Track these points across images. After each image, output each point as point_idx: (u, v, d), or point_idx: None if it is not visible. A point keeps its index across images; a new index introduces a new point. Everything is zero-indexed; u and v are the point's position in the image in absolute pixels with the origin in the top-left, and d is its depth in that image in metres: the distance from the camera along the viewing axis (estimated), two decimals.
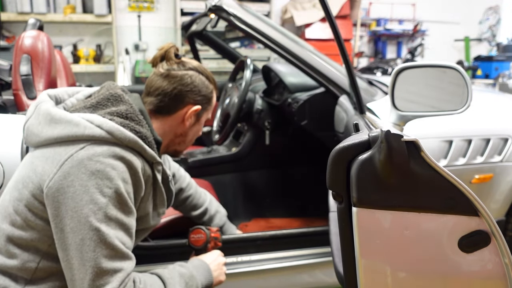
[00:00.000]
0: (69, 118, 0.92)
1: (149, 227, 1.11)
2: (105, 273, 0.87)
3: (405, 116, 1.23)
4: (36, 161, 0.93)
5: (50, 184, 0.88)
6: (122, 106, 1.01)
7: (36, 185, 0.90)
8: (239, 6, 1.60)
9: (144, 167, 0.98)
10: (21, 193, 0.92)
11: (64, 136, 0.91)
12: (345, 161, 0.76)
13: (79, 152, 0.89)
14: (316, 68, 1.56)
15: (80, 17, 4.29)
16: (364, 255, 0.75)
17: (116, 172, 0.89)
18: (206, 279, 1.16)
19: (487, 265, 0.74)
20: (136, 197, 0.97)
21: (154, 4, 4.77)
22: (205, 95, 1.14)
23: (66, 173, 0.87)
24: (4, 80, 1.69)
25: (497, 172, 1.63)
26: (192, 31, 2.54)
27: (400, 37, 5.85)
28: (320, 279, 1.64)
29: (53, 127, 0.92)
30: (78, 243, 0.86)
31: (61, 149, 0.90)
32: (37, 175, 0.90)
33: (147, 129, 1.03)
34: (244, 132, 2.24)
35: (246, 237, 1.59)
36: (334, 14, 4.10)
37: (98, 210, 0.87)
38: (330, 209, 1.23)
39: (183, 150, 1.22)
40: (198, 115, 1.16)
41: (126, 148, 0.94)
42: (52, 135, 0.92)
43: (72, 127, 0.91)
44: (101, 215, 0.87)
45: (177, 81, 1.10)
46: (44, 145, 0.94)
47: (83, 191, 0.86)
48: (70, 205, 0.87)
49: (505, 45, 5.67)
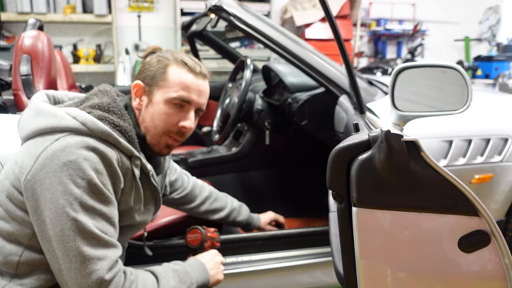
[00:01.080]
0: (50, 110, 0.95)
1: (135, 224, 1.09)
2: (89, 261, 0.88)
3: (405, 116, 1.23)
4: (19, 153, 0.95)
5: (28, 177, 0.90)
6: (106, 99, 1.03)
7: (16, 176, 0.92)
8: (239, 6, 1.60)
9: (121, 159, 0.98)
10: (3, 184, 0.95)
11: (43, 128, 0.93)
12: (345, 161, 0.76)
13: (53, 144, 0.90)
14: (316, 68, 1.56)
15: (80, 17, 4.29)
16: (364, 255, 0.75)
17: (89, 163, 0.90)
18: (201, 276, 1.14)
19: (487, 265, 0.74)
20: (115, 188, 0.97)
21: (154, 4, 4.77)
22: (149, 70, 1.08)
23: (41, 165, 0.89)
24: (4, 80, 1.69)
25: (497, 172, 1.63)
26: (192, 31, 2.54)
27: (400, 37, 5.85)
28: (320, 279, 1.64)
29: (37, 119, 0.95)
30: (58, 233, 0.88)
31: (39, 142, 0.92)
32: (18, 167, 0.92)
33: (129, 123, 1.03)
34: (244, 132, 2.24)
35: (246, 237, 1.59)
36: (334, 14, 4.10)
37: (74, 200, 0.88)
38: (330, 209, 1.23)
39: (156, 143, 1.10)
40: (148, 93, 1.07)
41: (100, 139, 0.94)
42: (34, 127, 0.94)
43: (51, 118, 0.93)
44: (76, 205, 0.88)
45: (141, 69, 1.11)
46: (30, 137, 0.95)
47: (58, 182, 0.88)
48: (47, 197, 0.88)
49: (505, 45, 5.66)
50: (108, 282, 0.89)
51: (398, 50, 5.97)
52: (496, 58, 5.47)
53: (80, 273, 0.87)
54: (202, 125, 2.57)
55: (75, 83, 2.26)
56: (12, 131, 1.26)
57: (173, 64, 1.07)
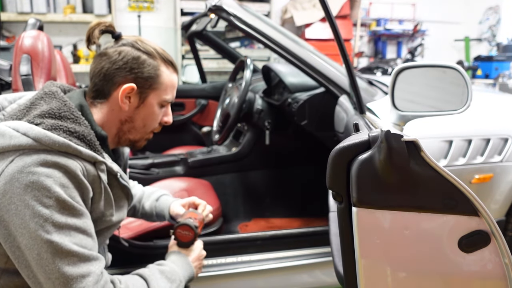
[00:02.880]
0: (3, 131, 0.86)
1: (112, 224, 1.05)
2: (73, 280, 0.84)
3: (405, 116, 1.23)
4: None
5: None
6: (55, 103, 0.94)
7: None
8: (239, 6, 1.60)
9: (85, 167, 0.91)
10: None
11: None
12: (345, 161, 0.76)
13: (9, 166, 0.83)
14: (316, 68, 1.56)
15: (80, 17, 4.29)
16: (364, 255, 0.75)
17: (52, 179, 0.84)
18: (187, 272, 1.14)
19: (487, 265, 0.74)
20: (85, 199, 0.92)
21: (154, 4, 4.77)
22: (140, 71, 1.00)
23: (2, 191, 0.83)
24: (4, 80, 1.69)
25: (497, 172, 1.63)
26: (192, 31, 2.55)
27: (400, 37, 5.85)
28: (320, 279, 1.64)
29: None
30: (36, 258, 0.83)
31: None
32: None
33: (85, 126, 0.95)
34: (244, 132, 2.24)
35: (246, 237, 1.59)
36: (334, 14, 4.10)
37: (44, 222, 0.83)
38: (330, 209, 1.23)
39: (139, 139, 1.09)
40: (141, 95, 1.02)
41: (58, 153, 0.87)
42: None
43: (6, 138, 0.85)
44: (48, 226, 0.83)
45: (104, 59, 1.00)
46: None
47: (24, 206, 0.82)
48: (17, 223, 0.83)
49: (505, 45, 5.67)
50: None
51: (398, 50, 5.97)
52: (496, 58, 5.47)
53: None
54: (202, 125, 2.58)
55: (75, 83, 2.26)
56: None
57: (162, 64, 1.04)
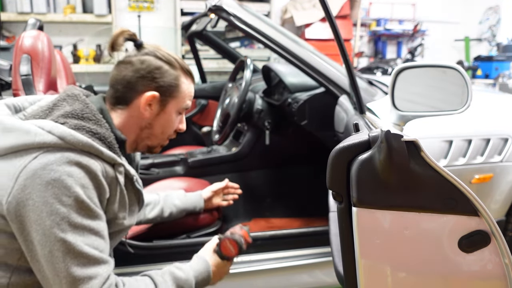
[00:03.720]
0: (19, 126, 0.88)
1: (123, 229, 1.06)
2: (80, 281, 0.85)
3: (405, 116, 1.23)
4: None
5: (9, 199, 0.84)
6: (77, 105, 0.96)
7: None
8: (239, 6, 1.60)
9: (105, 169, 0.93)
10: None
11: (16, 146, 0.87)
12: (345, 161, 0.76)
13: (32, 162, 0.85)
14: (316, 68, 1.56)
15: (80, 17, 4.29)
16: (364, 255, 0.75)
17: (73, 179, 0.85)
18: (202, 282, 1.13)
19: (487, 265, 0.74)
20: (102, 200, 0.93)
21: (154, 4, 4.77)
22: (163, 80, 1.03)
23: (22, 186, 0.84)
24: (4, 80, 1.69)
25: (497, 172, 1.63)
26: (192, 31, 2.55)
27: (400, 37, 5.85)
28: (320, 279, 1.64)
29: (6, 136, 0.88)
30: (47, 255, 0.85)
31: (15, 161, 0.86)
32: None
33: (106, 128, 0.97)
34: (244, 132, 2.24)
35: None
36: (334, 14, 4.10)
37: (61, 220, 0.84)
38: (330, 209, 1.23)
39: (156, 145, 1.12)
40: (161, 103, 1.05)
41: (82, 152, 0.89)
42: (4, 145, 0.88)
43: (22, 135, 0.87)
44: (64, 225, 0.84)
45: (128, 67, 1.02)
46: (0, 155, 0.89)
47: (42, 203, 0.83)
48: (33, 218, 0.84)
49: (505, 45, 5.66)
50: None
51: (398, 50, 5.97)
52: (496, 58, 5.47)
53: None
54: (202, 125, 2.57)
55: (75, 83, 2.26)
56: None
57: (182, 74, 1.07)
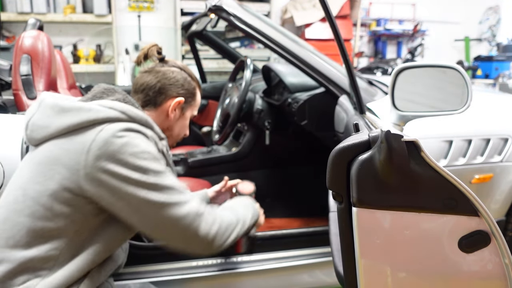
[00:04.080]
0: (79, 106, 0.96)
1: None
2: (180, 204, 0.97)
3: (405, 116, 1.23)
4: (54, 154, 0.93)
5: (87, 171, 0.91)
6: (118, 95, 1.06)
7: (64, 176, 0.91)
8: (239, 6, 1.60)
9: (156, 140, 1.05)
10: (43, 185, 0.92)
11: (77, 123, 0.93)
12: (345, 161, 0.76)
13: (99, 134, 0.92)
14: (316, 68, 1.56)
15: (80, 17, 4.29)
16: (364, 255, 0.75)
17: (140, 140, 0.96)
18: (253, 214, 1.27)
19: (487, 265, 0.74)
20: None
21: (154, 4, 4.77)
22: (187, 89, 1.21)
23: (96, 156, 0.91)
24: (4, 80, 1.69)
25: (497, 172, 1.63)
26: (192, 31, 2.55)
27: (400, 37, 5.85)
28: (320, 279, 1.64)
29: (63, 116, 0.95)
30: (144, 202, 0.93)
31: (80, 137, 0.93)
32: (65, 166, 0.92)
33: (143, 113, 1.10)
34: (244, 132, 2.24)
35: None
36: (334, 14, 4.10)
37: (145, 171, 0.93)
38: (330, 209, 1.23)
39: (171, 144, 1.26)
40: (182, 108, 1.22)
41: (140, 124, 1.00)
42: (63, 124, 0.94)
43: (84, 112, 0.94)
44: (149, 174, 0.94)
45: (160, 76, 1.17)
46: (54, 137, 0.95)
47: (122, 164, 0.91)
48: (115, 182, 0.92)
49: (505, 45, 5.66)
50: (203, 212, 1.01)
51: (398, 50, 5.97)
52: (496, 58, 5.47)
53: (177, 216, 0.96)
54: (202, 125, 2.57)
55: (75, 83, 2.26)
56: (12, 131, 1.26)
57: (197, 86, 1.26)
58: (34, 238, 0.91)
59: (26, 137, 1.00)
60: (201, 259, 1.52)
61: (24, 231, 0.91)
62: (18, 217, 0.92)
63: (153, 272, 1.48)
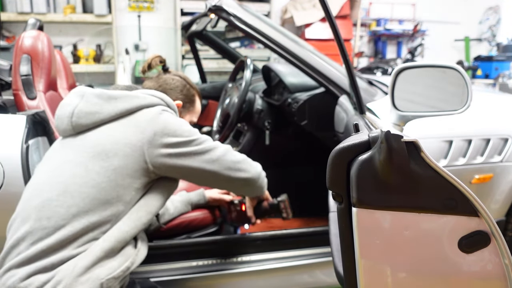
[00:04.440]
0: (126, 93, 1.11)
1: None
2: (246, 160, 1.24)
3: (405, 116, 1.23)
4: (113, 136, 1.06)
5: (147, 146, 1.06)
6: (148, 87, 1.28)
7: (127, 153, 1.05)
8: (239, 6, 1.60)
9: None
10: (107, 161, 1.05)
11: (128, 108, 1.09)
12: (345, 161, 0.76)
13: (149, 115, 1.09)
14: (316, 68, 1.56)
15: (80, 17, 4.29)
16: (364, 255, 0.75)
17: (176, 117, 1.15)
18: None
19: (487, 265, 0.74)
20: None
21: (154, 4, 4.77)
22: (186, 95, 1.37)
23: (153, 133, 1.07)
24: (4, 80, 1.69)
25: (497, 172, 1.63)
26: (192, 31, 2.55)
27: (400, 37, 5.85)
28: (320, 279, 1.64)
29: (114, 102, 1.09)
30: (213, 163, 1.16)
31: (131, 121, 1.09)
32: (127, 145, 1.05)
33: None
34: (244, 132, 2.24)
35: (246, 237, 1.59)
36: (334, 14, 4.10)
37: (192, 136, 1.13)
38: (330, 209, 1.23)
39: None
40: (180, 112, 1.34)
41: (172, 109, 1.18)
42: (115, 110, 1.09)
43: (133, 99, 1.10)
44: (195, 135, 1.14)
45: (161, 81, 1.36)
46: (105, 122, 1.09)
47: (173, 135, 1.09)
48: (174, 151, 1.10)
49: (505, 45, 5.67)
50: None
51: (398, 50, 5.97)
52: (496, 58, 5.47)
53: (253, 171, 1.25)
54: (202, 125, 2.57)
55: (75, 83, 2.26)
56: (12, 131, 1.26)
57: (196, 94, 1.42)
58: (97, 206, 1.03)
59: (71, 124, 1.09)
60: (201, 259, 1.53)
61: (89, 199, 1.02)
62: (81, 188, 1.03)
63: (153, 272, 1.48)
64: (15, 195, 1.19)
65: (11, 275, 0.97)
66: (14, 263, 0.98)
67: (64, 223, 1.00)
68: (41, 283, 0.95)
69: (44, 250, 0.98)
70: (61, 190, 1.03)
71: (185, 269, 1.51)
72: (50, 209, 1.01)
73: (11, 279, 0.96)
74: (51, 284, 0.95)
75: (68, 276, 0.96)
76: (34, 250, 0.98)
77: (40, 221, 1.00)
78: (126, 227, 1.06)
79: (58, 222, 1.00)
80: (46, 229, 1.00)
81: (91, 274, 0.98)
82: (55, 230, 1.00)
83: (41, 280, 0.96)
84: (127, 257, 1.06)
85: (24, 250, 0.99)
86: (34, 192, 1.06)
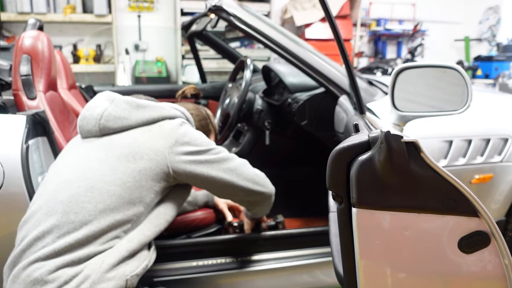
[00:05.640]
0: (154, 104, 1.20)
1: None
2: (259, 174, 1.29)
3: (405, 116, 1.23)
4: (140, 140, 1.13)
5: (169, 153, 1.13)
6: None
7: (152, 157, 1.12)
8: (239, 6, 1.60)
9: None
10: (134, 163, 1.10)
11: (155, 117, 1.18)
12: (345, 161, 0.76)
13: (172, 126, 1.17)
14: (316, 68, 1.56)
15: (80, 17, 4.30)
16: (364, 255, 0.75)
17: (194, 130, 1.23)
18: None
19: (487, 265, 0.74)
20: None
21: (154, 4, 4.77)
22: (203, 125, 1.51)
23: (174, 141, 1.14)
24: (4, 80, 1.69)
25: (497, 172, 1.63)
26: (192, 31, 2.54)
27: (400, 37, 5.85)
28: (320, 279, 1.64)
29: (142, 111, 1.17)
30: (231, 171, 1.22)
31: (155, 128, 1.16)
32: (151, 150, 1.12)
33: None
34: (244, 132, 2.24)
35: (246, 237, 1.59)
36: (334, 14, 4.10)
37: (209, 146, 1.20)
38: (330, 209, 1.23)
39: None
40: None
41: (190, 123, 1.28)
42: (142, 117, 1.17)
43: (160, 109, 1.19)
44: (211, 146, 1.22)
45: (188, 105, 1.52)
46: (132, 127, 1.16)
47: (192, 144, 1.17)
48: (192, 158, 1.16)
49: (505, 45, 5.66)
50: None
51: (398, 50, 5.97)
52: (496, 58, 5.46)
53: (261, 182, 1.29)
54: None
55: (75, 83, 2.26)
56: (12, 131, 1.26)
57: (213, 132, 1.57)
58: (121, 204, 1.07)
59: (99, 126, 1.14)
60: (201, 259, 1.53)
61: (115, 197, 1.07)
62: (109, 186, 1.07)
63: (153, 272, 1.48)
64: (15, 195, 1.19)
65: (38, 267, 0.97)
66: (40, 255, 0.98)
67: (91, 219, 1.03)
68: (70, 277, 0.97)
69: (72, 244, 1.00)
70: (89, 187, 1.06)
71: (185, 269, 1.51)
72: (78, 204, 1.04)
73: (38, 271, 0.97)
74: (80, 278, 0.98)
75: (96, 272, 0.99)
76: (61, 243, 1.00)
77: (68, 215, 1.02)
78: (148, 231, 1.12)
79: (85, 217, 1.03)
80: (73, 223, 1.02)
81: (118, 271, 1.02)
82: (82, 225, 1.02)
83: (69, 273, 0.98)
84: (145, 257, 1.12)
85: (51, 243, 1.00)
86: (59, 186, 1.08)
